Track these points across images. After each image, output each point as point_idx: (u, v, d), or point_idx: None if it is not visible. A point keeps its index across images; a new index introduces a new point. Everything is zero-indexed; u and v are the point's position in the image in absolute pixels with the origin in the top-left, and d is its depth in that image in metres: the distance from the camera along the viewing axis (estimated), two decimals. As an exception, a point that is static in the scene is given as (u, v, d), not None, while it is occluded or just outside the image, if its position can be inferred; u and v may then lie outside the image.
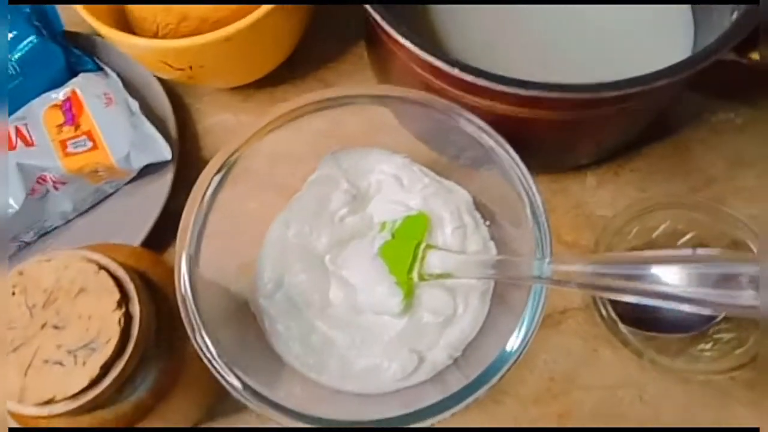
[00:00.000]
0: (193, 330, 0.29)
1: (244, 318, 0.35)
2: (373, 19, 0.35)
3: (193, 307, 0.30)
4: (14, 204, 0.37)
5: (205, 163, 0.44)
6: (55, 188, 0.39)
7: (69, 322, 0.27)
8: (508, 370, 0.29)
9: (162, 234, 0.41)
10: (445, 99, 0.33)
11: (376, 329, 0.35)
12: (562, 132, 0.35)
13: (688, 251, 0.25)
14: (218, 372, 0.29)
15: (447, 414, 0.28)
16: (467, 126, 0.33)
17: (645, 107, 0.33)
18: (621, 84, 0.29)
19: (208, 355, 0.29)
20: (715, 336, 0.35)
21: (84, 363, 0.26)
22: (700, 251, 0.24)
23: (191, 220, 0.32)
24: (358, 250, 0.36)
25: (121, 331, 0.27)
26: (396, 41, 0.32)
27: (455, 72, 0.30)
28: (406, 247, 0.34)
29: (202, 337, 0.29)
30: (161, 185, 0.41)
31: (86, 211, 0.41)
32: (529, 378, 0.37)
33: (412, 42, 0.31)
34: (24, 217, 0.38)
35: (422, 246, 0.34)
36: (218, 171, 0.33)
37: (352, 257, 0.36)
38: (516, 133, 0.32)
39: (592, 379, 0.37)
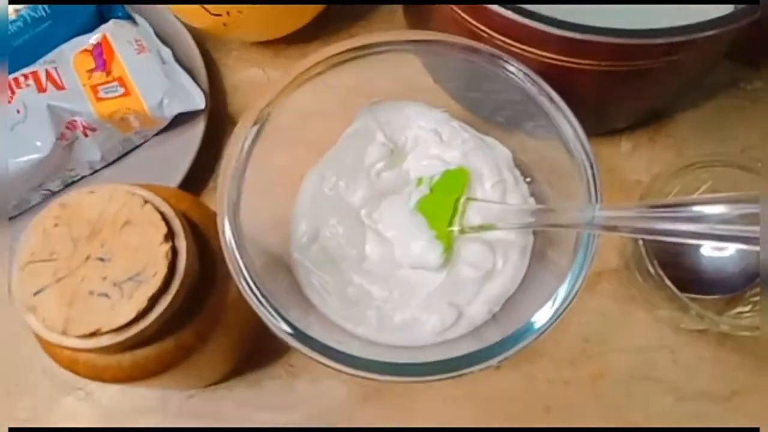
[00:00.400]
0: (237, 274, 0.28)
1: (280, 271, 0.35)
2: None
3: (237, 256, 0.29)
4: (43, 148, 0.36)
5: (233, 119, 0.44)
6: (85, 135, 0.38)
7: (114, 254, 0.26)
8: (552, 325, 0.28)
9: (190, 187, 0.40)
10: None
11: (415, 283, 0.34)
12: (606, 86, 0.34)
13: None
14: (263, 310, 0.28)
15: (482, 365, 0.28)
16: (514, 74, 0.32)
17: (690, 62, 0.33)
18: (673, 31, 0.29)
19: (251, 294, 0.28)
20: (752, 299, 0.35)
21: (131, 295, 0.25)
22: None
23: (230, 168, 0.31)
24: (394, 205, 0.36)
25: (169, 264, 0.26)
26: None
27: (508, 14, 0.30)
28: (445, 201, 0.34)
29: (246, 280, 0.28)
30: (191, 137, 0.40)
31: (113, 162, 0.40)
32: (563, 338, 0.37)
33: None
34: (51, 163, 0.37)
35: (463, 198, 0.33)
36: (255, 123, 0.33)
37: (388, 212, 0.36)
38: (559, 86, 0.32)
39: (627, 341, 0.37)
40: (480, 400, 0.36)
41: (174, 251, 0.26)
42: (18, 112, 0.37)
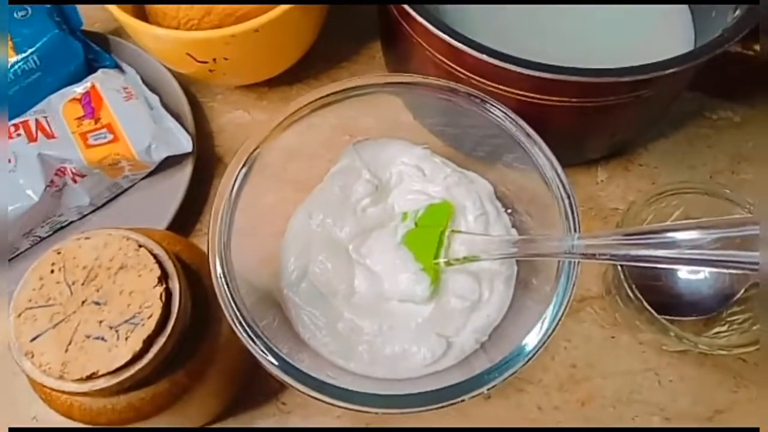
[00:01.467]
0: (230, 312, 0.29)
1: (271, 307, 0.35)
2: (396, 13, 0.36)
3: (228, 291, 0.29)
4: (33, 195, 0.37)
5: (220, 159, 0.45)
6: (74, 181, 0.38)
7: (110, 298, 0.27)
8: (537, 353, 0.29)
9: (178, 229, 0.41)
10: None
11: (403, 316, 0.35)
12: (579, 120, 0.36)
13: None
14: (254, 347, 0.28)
15: (474, 393, 0.29)
16: (492, 111, 0.34)
17: (656, 96, 0.35)
18: (640, 69, 0.31)
19: (244, 334, 0.29)
20: (729, 318, 0.36)
21: (126, 338, 0.26)
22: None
23: (221, 209, 0.32)
24: (381, 240, 0.37)
25: (163, 306, 0.26)
26: (424, 30, 0.33)
27: (483, 57, 0.32)
28: (430, 235, 0.35)
29: (239, 319, 0.29)
30: (179, 179, 0.41)
31: (101, 206, 0.41)
32: (551, 365, 0.38)
33: (441, 30, 0.32)
34: (41, 210, 0.38)
35: (447, 231, 0.35)
36: (244, 165, 0.34)
37: (375, 246, 0.37)
38: (533, 121, 0.33)
39: (612, 365, 0.38)
40: (470, 420, 0.36)
41: (168, 293, 0.27)
42: (9, 161, 0.37)
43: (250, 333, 0.29)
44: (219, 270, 0.30)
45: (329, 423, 0.36)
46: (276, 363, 0.28)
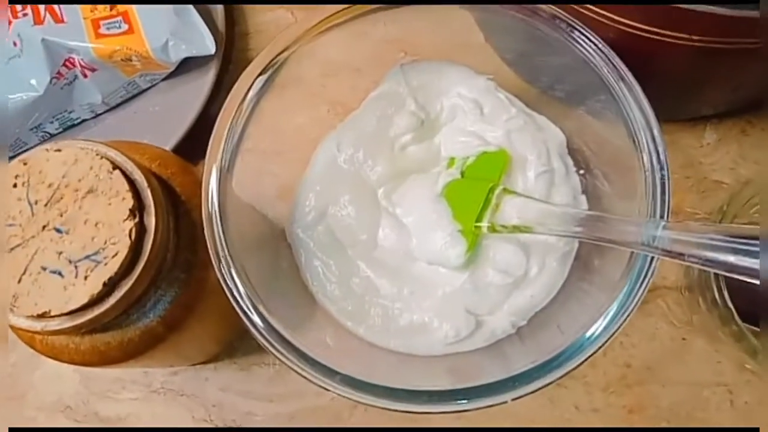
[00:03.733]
0: (217, 256, 0.24)
1: (278, 249, 0.31)
2: None
3: (220, 230, 0.25)
4: (37, 86, 0.33)
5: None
6: (84, 75, 0.34)
7: (73, 226, 0.22)
8: (590, 356, 0.23)
9: (197, 142, 0.35)
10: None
11: (430, 282, 0.29)
12: (697, 66, 0.28)
13: None
14: (240, 307, 0.24)
15: (505, 397, 0.23)
16: (580, 42, 0.26)
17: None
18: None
19: (231, 286, 0.24)
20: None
21: (86, 277, 0.22)
22: None
23: (226, 127, 0.27)
24: (418, 187, 0.31)
25: (132, 244, 0.22)
26: None
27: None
28: (477, 190, 0.28)
29: (227, 266, 0.24)
30: (201, 85, 0.36)
31: (117, 106, 0.37)
32: (600, 361, 0.32)
33: None
34: (48, 103, 0.34)
35: (498, 190, 0.28)
36: (263, 72, 0.28)
37: (410, 194, 0.31)
38: (637, 62, 0.25)
39: (677, 372, 0.31)
40: (494, 420, 0.32)
41: (141, 229, 0.23)
42: (14, 44, 0.33)
43: (236, 279, 0.24)
44: (213, 199, 0.25)
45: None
46: (258, 324, 0.24)
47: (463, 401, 0.23)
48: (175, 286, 0.25)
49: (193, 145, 0.35)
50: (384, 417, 0.32)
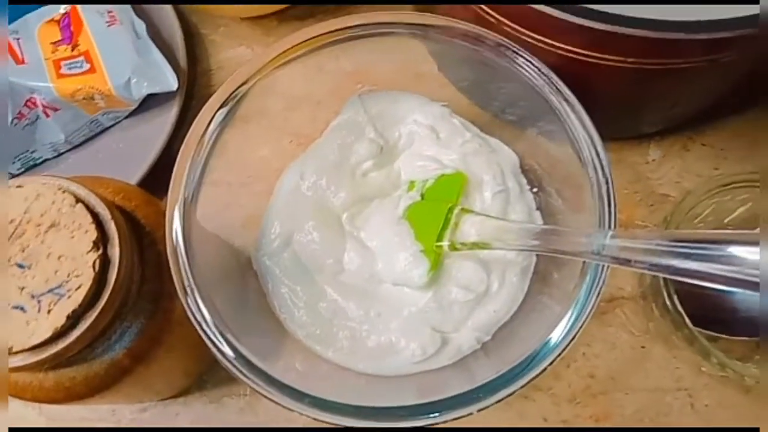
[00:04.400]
0: (183, 288, 0.25)
1: (245, 278, 0.31)
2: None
3: (185, 261, 0.25)
4: (-2, 128, 0.33)
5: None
6: (46, 114, 0.34)
7: (36, 261, 0.23)
8: (551, 364, 0.24)
9: (160, 178, 0.36)
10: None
11: (395, 302, 0.30)
12: (634, 86, 0.29)
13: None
14: (208, 337, 0.24)
15: (471, 409, 0.24)
16: (524, 68, 0.27)
17: (736, 62, 0.28)
18: (717, 25, 0.24)
19: (198, 316, 0.25)
20: (790, 343, 0.30)
21: (49, 311, 0.22)
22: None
23: (188, 159, 0.28)
24: (380, 211, 0.32)
25: (96, 276, 0.22)
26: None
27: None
28: (437, 211, 0.29)
29: (193, 296, 0.25)
30: (164, 121, 0.36)
31: (79, 145, 0.37)
32: (565, 373, 0.33)
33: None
34: (9, 144, 0.34)
35: (456, 209, 0.29)
36: (223, 104, 0.29)
37: (373, 218, 0.31)
38: (578, 84, 0.27)
39: (638, 379, 0.32)
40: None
41: (105, 261, 0.23)
42: (-26, 86, 0.33)
43: (203, 310, 0.25)
44: (177, 231, 0.26)
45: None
46: (227, 353, 0.24)
47: (432, 415, 0.23)
48: (141, 317, 0.25)
49: (157, 181, 0.35)
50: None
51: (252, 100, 0.29)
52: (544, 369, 0.24)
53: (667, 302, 0.28)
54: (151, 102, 0.37)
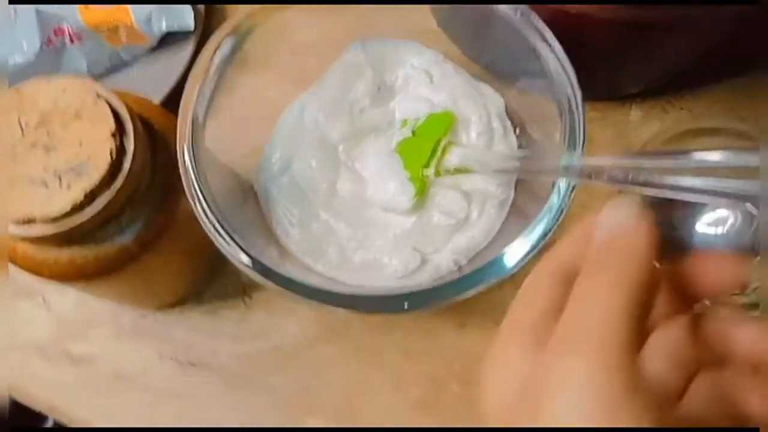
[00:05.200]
0: (194, 199, 0.27)
1: (246, 200, 0.34)
2: None
3: (194, 178, 0.27)
4: (28, 52, 0.36)
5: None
6: (71, 42, 0.37)
7: (60, 144, 0.25)
8: (502, 278, 0.26)
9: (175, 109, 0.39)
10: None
11: (382, 225, 0.33)
12: (621, 41, 0.32)
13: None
14: (219, 238, 0.27)
15: (441, 303, 0.26)
16: (513, 16, 0.30)
17: (713, 24, 0.30)
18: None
19: (204, 217, 0.27)
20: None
21: (69, 186, 0.25)
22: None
23: (196, 87, 0.30)
24: (374, 145, 0.34)
25: (112, 161, 0.25)
26: None
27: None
28: (425, 144, 0.32)
29: (201, 202, 0.27)
30: (179, 61, 0.39)
31: (100, 76, 0.40)
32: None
33: None
34: (37, 69, 0.37)
35: (443, 142, 0.32)
36: (231, 33, 0.31)
37: (367, 151, 0.34)
38: (566, 42, 0.29)
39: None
40: (441, 356, 0.34)
41: (121, 149, 0.26)
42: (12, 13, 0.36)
43: (215, 223, 0.27)
44: (186, 156, 0.28)
45: (291, 323, 0.35)
46: (241, 257, 0.26)
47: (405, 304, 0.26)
48: (150, 208, 0.27)
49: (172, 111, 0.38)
50: (342, 349, 0.34)
51: (259, 43, 0.32)
52: (497, 282, 0.26)
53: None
54: (168, 42, 0.39)
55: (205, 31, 0.41)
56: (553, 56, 0.29)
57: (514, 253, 0.27)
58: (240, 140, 0.34)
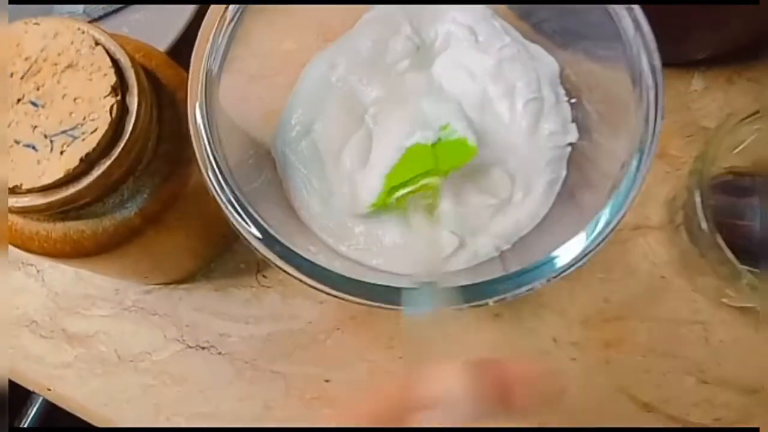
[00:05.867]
0: (206, 166, 0.23)
1: (261, 167, 0.30)
2: None
3: (207, 136, 0.23)
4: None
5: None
6: (66, -21, 0.33)
7: (50, 100, 0.21)
8: (555, 278, 0.23)
9: (181, 59, 0.35)
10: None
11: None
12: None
13: None
14: (225, 204, 0.23)
15: (480, 302, 0.23)
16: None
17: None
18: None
19: (217, 188, 0.23)
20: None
21: (62, 152, 0.21)
22: None
23: (209, 40, 0.26)
24: (398, 127, 0.29)
25: (112, 122, 0.21)
26: None
27: None
28: (417, 168, 0.27)
29: (214, 171, 0.23)
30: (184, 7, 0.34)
31: (97, 20, 0.35)
32: (580, 295, 0.32)
33: None
34: (27, 10, 0.32)
35: (431, 182, 0.26)
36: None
37: (390, 127, 0.29)
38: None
39: (654, 309, 0.32)
40: (471, 348, 0.31)
41: (123, 108, 0.22)
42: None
43: (228, 193, 0.23)
44: (198, 116, 0.24)
45: (309, 307, 0.32)
46: (253, 231, 0.23)
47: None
48: (155, 177, 0.24)
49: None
50: (361, 339, 0.31)
51: None
52: (557, 276, 0.23)
53: (702, 223, 0.26)
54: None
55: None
56: (631, 18, 0.25)
57: (568, 252, 0.23)
58: (256, 99, 0.31)
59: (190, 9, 0.34)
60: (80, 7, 0.34)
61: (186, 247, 0.29)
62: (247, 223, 0.23)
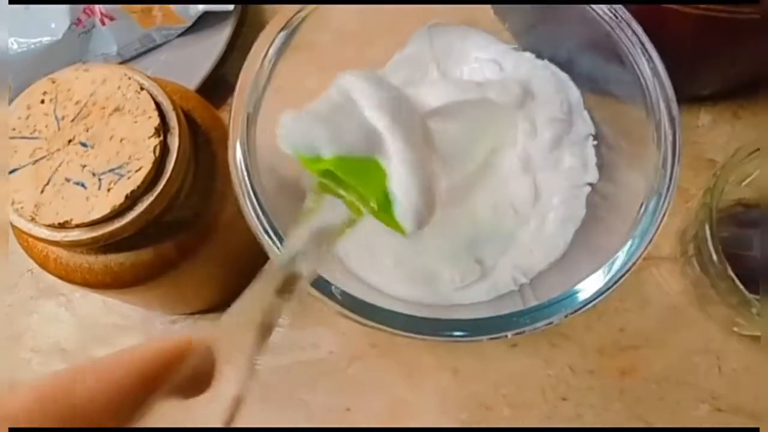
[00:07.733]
0: (245, 196, 0.24)
1: (293, 198, 0.31)
2: None
3: (247, 175, 0.24)
4: (56, 31, 0.33)
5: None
6: (102, 23, 0.35)
7: (99, 141, 0.23)
8: (574, 312, 0.24)
9: (208, 97, 0.36)
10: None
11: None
12: (700, 38, 0.29)
13: None
14: (271, 242, 0.24)
15: (504, 332, 0.24)
16: (596, 12, 0.27)
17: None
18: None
19: (260, 223, 0.24)
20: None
21: (109, 189, 0.22)
22: None
23: (250, 80, 0.27)
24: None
25: (156, 160, 0.22)
26: None
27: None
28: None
29: (255, 205, 0.24)
30: (214, 43, 0.36)
31: (130, 59, 0.37)
32: (595, 325, 0.33)
33: None
34: (64, 49, 0.34)
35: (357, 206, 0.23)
36: (284, 28, 0.28)
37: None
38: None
39: (668, 338, 0.32)
40: (489, 379, 0.32)
41: (165, 148, 0.23)
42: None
43: (264, 222, 0.24)
44: (238, 152, 0.25)
45: (331, 335, 0.32)
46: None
47: (456, 333, 0.23)
48: (191, 211, 0.25)
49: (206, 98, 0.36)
50: (382, 371, 0.32)
51: (306, 29, 0.29)
52: (579, 309, 0.24)
53: (713, 255, 0.27)
54: (203, 24, 0.37)
55: (242, 11, 0.38)
56: (647, 61, 0.26)
57: (585, 289, 0.24)
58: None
59: (218, 48, 0.36)
60: (114, 49, 0.36)
61: (215, 279, 0.30)
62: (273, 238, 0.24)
